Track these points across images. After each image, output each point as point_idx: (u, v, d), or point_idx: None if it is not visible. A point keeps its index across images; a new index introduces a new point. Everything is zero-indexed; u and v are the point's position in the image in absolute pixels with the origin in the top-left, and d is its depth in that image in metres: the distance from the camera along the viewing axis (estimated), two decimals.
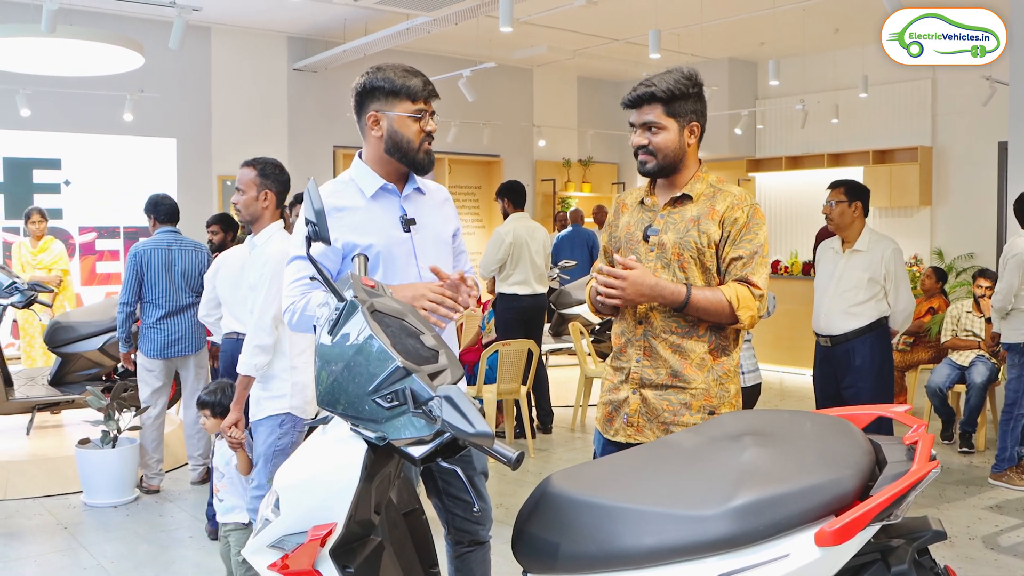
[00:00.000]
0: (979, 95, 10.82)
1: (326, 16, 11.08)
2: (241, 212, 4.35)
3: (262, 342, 4.04)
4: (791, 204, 13.64)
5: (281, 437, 4.09)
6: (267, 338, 4.04)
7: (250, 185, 4.33)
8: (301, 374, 4.13)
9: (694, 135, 3.09)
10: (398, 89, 2.96)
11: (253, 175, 4.35)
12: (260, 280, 4.11)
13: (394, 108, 2.97)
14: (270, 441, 4.09)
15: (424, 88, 3.00)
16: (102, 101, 10.50)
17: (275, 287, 3.97)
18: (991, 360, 7.40)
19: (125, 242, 11.03)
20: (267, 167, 4.41)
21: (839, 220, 5.74)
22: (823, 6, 10.22)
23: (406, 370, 2.16)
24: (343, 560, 2.29)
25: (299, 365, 4.13)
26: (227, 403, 4.37)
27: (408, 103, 2.97)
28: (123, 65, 8.29)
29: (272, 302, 4.01)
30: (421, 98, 2.99)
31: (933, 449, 2.27)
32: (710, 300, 2.95)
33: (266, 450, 4.11)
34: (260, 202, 4.33)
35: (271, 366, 4.10)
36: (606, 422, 3.19)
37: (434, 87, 3.05)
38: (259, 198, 4.33)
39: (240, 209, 4.34)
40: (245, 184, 4.34)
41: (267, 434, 4.10)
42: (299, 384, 4.13)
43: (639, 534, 2.17)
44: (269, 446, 4.09)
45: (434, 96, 3.04)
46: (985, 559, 5.05)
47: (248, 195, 4.33)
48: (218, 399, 4.47)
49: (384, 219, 3.02)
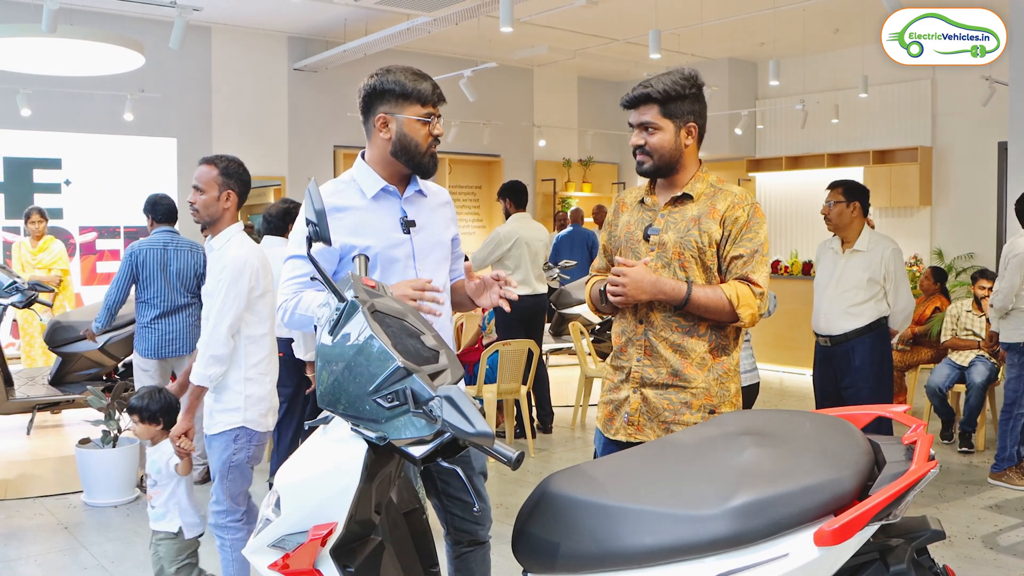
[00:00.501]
0: (979, 95, 10.82)
1: (326, 16, 11.08)
2: (199, 212, 4.05)
3: (217, 352, 3.83)
4: (791, 204, 13.65)
5: (236, 452, 3.92)
6: (222, 348, 3.84)
7: (211, 184, 4.04)
8: (256, 386, 3.96)
9: (691, 136, 3.10)
10: (409, 92, 2.96)
11: (215, 173, 4.06)
12: (217, 286, 3.89)
13: (404, 111, 2.97)
14: (224, 457, 3.92)
15: (433, 92, 3.00)
16: (102, 101, 10.51)
17: (232, 294, 3.83)
18: (991, 360, 7.40)
19: (125, 242, 11.04)
20: (230, 165, 4.12)
21: (837, 220, 5.74)
22: (823, 6, 10.23)
23: (407, 370, 2.16)
24: (344, 560, 2.30)
25: (254, 377, 3.95)
26: (155, 408, 4.17)
27: (418, 107, 2.97)
28: (123, 65, 8.30)
29: (230, 310, 3.85)
30: (431, 102, 2.99)
31: (932, 449, 2.28)
32: (710, 298, 2.96)
33: (221, 467, 3.93)
34: (222, 202, 4.04)
35: (224, 377, 3.92)
36: (607, 421, 3.20)
37: (441, 91, 3.06)
38: (221, 198, 4.04)
39: (198, 209, 4.04)
40: (206, 183, 4.04)
41: (221, 450, 3.92)
42: (253, 396, 3.94)
43: (639, 534, 2.18)
44: (224, 462, 3.92)
45: (442, 100, 3.05)
46: (984, 559, 5.05)
47: (209, 195, 4.03)
48: (146, 404, 4.19)
49: (384, 221, 3.02)
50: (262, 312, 3.99)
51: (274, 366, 4.11)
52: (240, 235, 4.07)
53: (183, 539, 4.19)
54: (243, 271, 3.88)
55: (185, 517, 4.18)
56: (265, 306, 4.00)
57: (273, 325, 4.07)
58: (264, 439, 4.04)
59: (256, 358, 3.97)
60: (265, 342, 4.01)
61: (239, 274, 3.86)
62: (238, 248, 3.97)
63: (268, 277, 4.03)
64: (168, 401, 4.23)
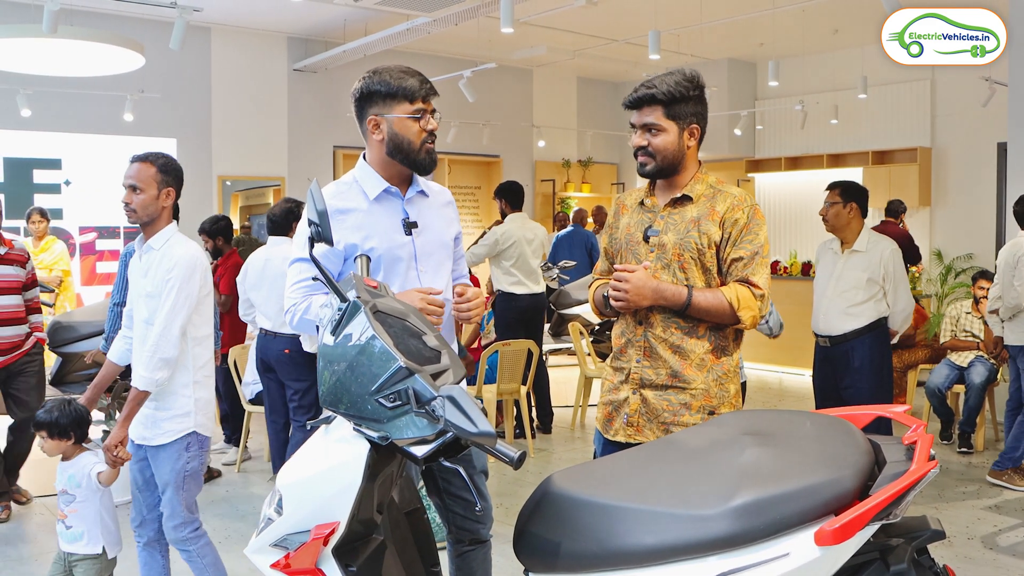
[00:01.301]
0: (978, 96, 10.82)
1: (326, 16, 11.09)
2: (137, 213, 3.83)
3: (168, 355, 3.66)
4: (790, 205, 13.65)
5: (190, 460, 3.78)
6: (173, 350, 3.67)
7: (150, 182, 3.83)
8: (204, 389, 3.83)
9: (694, 137, 3.11)
10: (395, 91, 2.96)
11: (153, 171, 3.86)
12: (164, 287, 3.71)
13: (392, 110, 2.97)
14: (178, 467, 3.76)
15: (421, 87, 2.99)
16: (102, 101, 10.51)
17: (185, 293, 3.70)
18: (990, 361, 7.41)
19: (125, 242, 11.04)
20: (169, 163, 3.95)
21: (834, 221, 5.75)
22: (822, 7, 10.23)
23: (409, 370, 2.17)
24: (346, 559, 2.30)
25: (202, 380, 3.83)
26: (65, 422, 3.89)
27: (406, 104, 2.97)
28: (124, 65, 8.30)
29: (181, 310, 3.70)
30: (419, 97, 2.98)
31: (932, 449, 2.28)
32: (711, 301, 2.97)
33: (175, 477, 3.76)
34: (161, 201, 3.85)
35: (171, 382, 3.75)
36: (606, 422, 3.21)
37: (432, 85, 3.04)
38: (160, 196, 3.85)
39: (135, 209, 3.83)
40: (144, 181, 3.83)
41: (174, 459, 3.75)
42: (203, 400, 3.81)
43: (640, 533, 2.19)
44: (178, 472, 3.76)
45: (432, 94, 3.03)
46: (984, 559, 5.06)
47: (148, 193, 3.82)
48: (55, 418, 3.88)
49: (386, 222, 3.02)
50: (206, 313, 3.87)
51: (213, 368, 3.98)
52: (178, 235, 3.91)
53: (105, 559, 3.97)
54: (194, 269, 3.76)
55: (108, 536, 3.96)
56: (208, 307, 3.88)
57: (212, 326, 3.95)
58: (209, 445, 3.91)
59: (202, 360, 3.85)
60: (208, 343, 3.89)
61: (191, 273, 3.74)
62: (184, 247, 3.83)
63: (209, 276, 3.90)
64: (78, 413, 3.94)
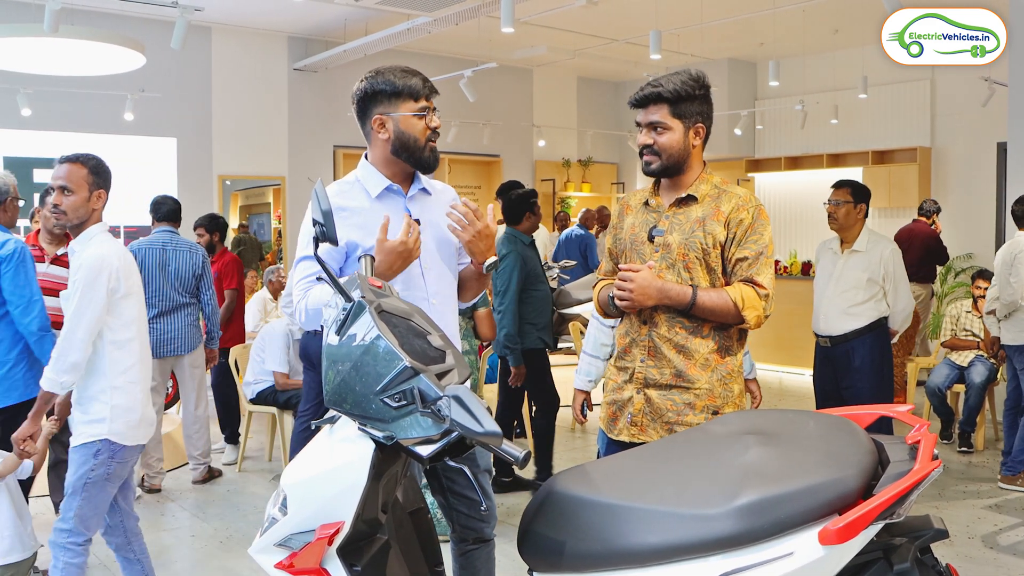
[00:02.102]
0: (978, 96, 10.83)
1: (326, 16, 11.09)
2: (67, 215, 3.69)
3: (73, 358, 3.54)
4: (791, 204, 13.65)
5: (95, 468, 3.61)
6: (78, 354, 3.54)
7: (81, 184, 3.69)
8: (123, 395, 3.66)
9: (699, 136, 3.11)
10: (400, 90, 2.99)
11: (84, 173, 3.71)
12: (72, 288, 3.60)
13: (398, 109, 3.00)
14: (82, 472, 3.61)
15: (424, 86, 3.03)
16: (103, 101, 10.51)
17: (88, 297, 3.56)
18: (990, 360, 7.41)
19: (125, 241, 11.01)
20: (100, 164, 3.79)
21: (844, 221, 5.74)
22: (823, 7, 10.23)
23: (414, 370, 2.17)
24: (350, 559, 2.30)
25: (121, 385, 3.66)
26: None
27: (411, 102, 3.00)
28: (124, 65, 8.30)
29: (84, 314, 3.55)
30: (423, 96, 3.02)
31: (935, 448, 2.29)
32: (716, 301, 2.98)
33: (76, 481, 3.61)
34: (92, 203, 3.72)
35: (88, 386, 3.64)
36: (610, 422, 3.22)
37: (433, 84, 3.08)
38: (92, 198, 3.72)
39: (65, 211, 3.68)
40: (75, 183, 3.68)
41: (80, 463, 3.62)
42: (120, 407, 3.64)
43: (644, 533, 2.19)
44: (80, 477, 3.61)
45: (434, 93, 3.07)
46: (985, 558, 5.07)
47: (79, 195, 3.68)
48: None
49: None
50: (127, 315, 3.70)
51: (145, 374, 3.80)
52: (103, 235, 3.77)
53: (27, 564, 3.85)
54: (100, 271, 3.59)
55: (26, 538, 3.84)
56: (130, 308, 3.71)
57: (143, 329, 3.81)
58: (131, 455, 3.74)
59: (123, 365, 3.69)
60: (133, 347, 3.72)
61: (96, 275, 3.58)
62: (97, 247, 3.68)
63: (132, 278, 3.75)
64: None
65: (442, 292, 3.11)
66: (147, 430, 3.78)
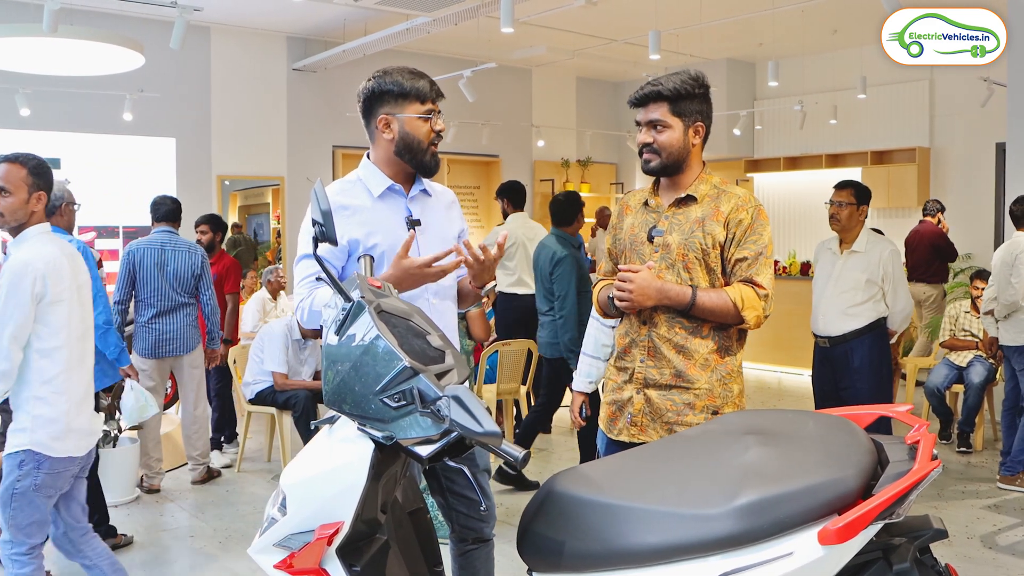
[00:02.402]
0: (977, 96, 10.83)
1: (326, 16, 11.08)
2: (4, 217, 3.58)
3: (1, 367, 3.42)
4: (789, 205, 13.65)
5: (21, 479, 3.49)
6: (4, 363, 3.41)
7: (20, 185, 3.58)
8: (47, 406, 3.50)
9: (699, 136, 3.12)
10: (407, 91, 3.01)
11: (24, 174, 3.60)
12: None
13: (404, 110, 3.01)
14: (9, 482, 3.51)
15: (431, 89, 3.05)
16: (102, 101, 10.50)
17: (13, 302, 3.42)
18: (989, 360, 7.42)
19: (124, 241, 11.02)
20: (40, 165, 3.69)
21: (846, 222, 5.73)
22: (821, 7, 10.23)
23: (413, 370, 2.17)
24: (349, 559, 2.30)
25: (45, 395, 3.51)
26: None
27: (418, 104, 3.02)
28: (123, 65, 8.29)
29: (10, 319, 3.41)
30: (429, 99, 3.04)
31: (934, 449, 2.29)
32: (715, 302, 2.98)
33: (4, 492, 3.52)
34: (31, 205, 3.61)
35: (16, 395, 3.52)
36: (610, 422, 3.22)
37: (439, 88, 3.10)
38: (31, 200, 3.61)
39: (3, 213, 3.57)
40: (13, 183, 3.57)
41: (7, 473, 3.53)
42: (43, 418, 3.49)
43: (644, 533, 2.19)
44: (7, 488, 3.51)
45: (440, 96, 3.09)
46: (983, 558, 5.07)
47: (17, 197, 3.57)
48: None
49: (390, 219, 3.05)
50: (55, 323, 3.54)
51: (75, 383, 3.63)
52: (39, 237, 3.64)
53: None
54: (24, 276, 3.45)
55: None
56: (59, 316, 3.56)
57: (74, 337, 3.63)
58: (63, 466, 3.58)
59: (48, 374, 3.53)
60: (59, 356, 3.56)
61: (19, 280, 3.44)
62: (27, 251, 3.54)
63: (63, 284, 3.58)
64: None
65: (441, 292, 3.12)
66: (80, 441, 3.63)
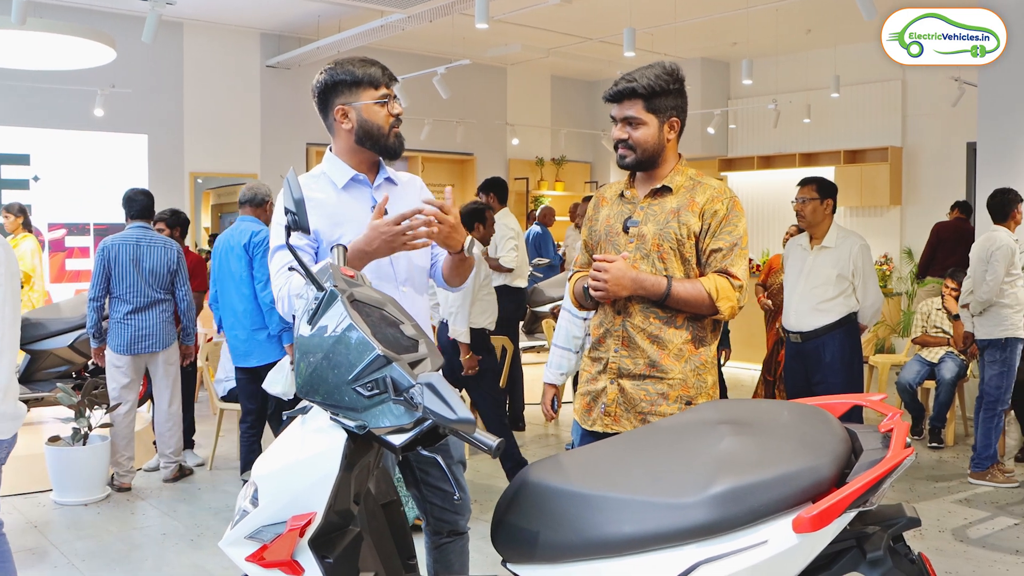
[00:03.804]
0: (948, 96, 10.93)
1: (299, 13, 11.04)
2: None
3: None
4: (763, 203, 13.72)
5: None
6: None
7: None
8: None
9: (674, 130, 3.12)
10: (360, 79, 3.00)
11: None
12: None
13: (359, 98, 3.00)
14: None
15: (383, 74, 3.04)
16: (72, 96, 10.40)
17: None
18: (960, 356, 7.47)
19: (95, 239, 10.93)
20: None
21: (811, 217, 5.77)
22: (795, 7, 10.29)
23: (386, 358, 2.16)
24: (322, 551, 2.28)
25: None
26: None
27: (372, 90, 3.01)
28: (94, 59, 8.21)
29: None
30: (383, 83, 3.02)
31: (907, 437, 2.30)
32: (690, 292, 2.98)
33: None
34: None
35: None
36: (584, 412, 3.21)
37: (391, 72, 3.09)
38: None
39: None
40: None
41: None
42: None
43: (618, 522, 2.19)
44: None
45: (393, 80, 3.08)
46: (955, 551, 5.11)
47: None
48: None
49: (355, 209, 3.04)
50: None
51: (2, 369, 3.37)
52: None
53: None
54: None
55: None
56: None
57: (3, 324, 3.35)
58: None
59: None
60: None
61: None
62: None
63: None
64: None
65: (412, 280, 3.10)
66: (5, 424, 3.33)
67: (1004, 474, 6.38)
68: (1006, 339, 6.31)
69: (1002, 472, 6.38)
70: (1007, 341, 6.31)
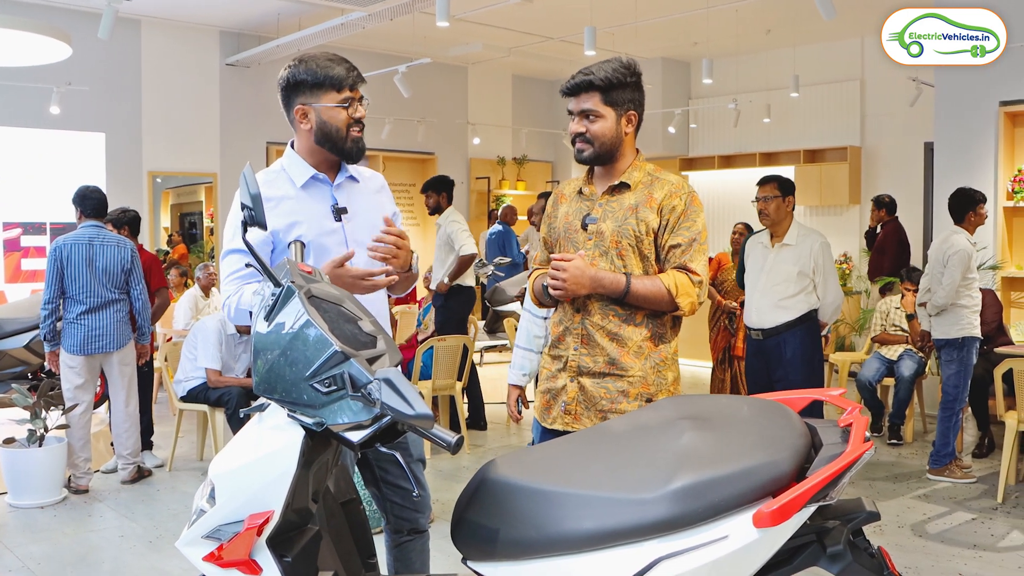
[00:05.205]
0: (906, 96, 11.04)
1: (259, 10, 10.95)
2: None
3: None
4: (724, 203, 13.79)
5: None
6: None
7: None
8: None
9: (631, 124, 3.11)
10: (322, 80, 2.92)
11: None
12: None
13: (320, 99, 2.93)
14: None
15: (348, 75, 2.95)
16: (27, 93, 10.24)
17: None
18: (918, 354, 7.55)
19: (51, 238, 10.77)
20: None
21: (775, 215, 5.80)
22: (755, 7, 10.36)
23: (344, 354, 2.14)
24: (280, 549, 2.25)
25: None
26: None
27: (334, 92, 2.93)
28: (50, 56, 8.08)
29: None
30: (346, 86, 2.94)
31: (867, 431, 2.31)
32: (649, 289, 2.97)
33: None
34: None
35: None
36: (544, 410, 3.20)
37: (359, 72, 3.00)
38: None
39: None
40: None
41: None
42: None
43: (579, 518, 2.17)
44: None
45: (360, 81, 2.99)
46: (914, 546, 5.16)
47: None
48: None
49: (315, 209, 2.99)
50: None
51: None
52: None
53: None
54: None
55: None
56: None
57: None
58: None
59: None
60: None
61: None
62: None
63: None
64: None
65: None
66: None
67: (962, 470, 6.45)
68: (963, 339, 6.37)
69: (960, 468, 6.46)
70: (964, 340, 6.37)
